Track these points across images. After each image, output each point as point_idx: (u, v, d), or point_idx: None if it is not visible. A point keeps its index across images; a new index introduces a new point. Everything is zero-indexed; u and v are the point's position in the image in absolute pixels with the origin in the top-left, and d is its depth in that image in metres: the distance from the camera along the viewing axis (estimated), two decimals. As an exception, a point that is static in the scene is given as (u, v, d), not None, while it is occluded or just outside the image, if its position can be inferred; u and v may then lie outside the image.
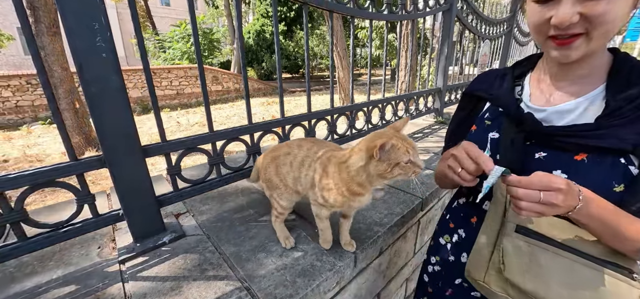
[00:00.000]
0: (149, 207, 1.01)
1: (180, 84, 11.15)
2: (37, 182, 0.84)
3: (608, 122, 0.58)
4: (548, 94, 0.70)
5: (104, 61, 0.82)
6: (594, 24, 0.54)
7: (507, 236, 0.66)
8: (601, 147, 0.58)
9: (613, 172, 0.58)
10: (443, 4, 2.33)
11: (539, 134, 0.66)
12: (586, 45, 0.57)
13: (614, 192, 0.57)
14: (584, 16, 0.54)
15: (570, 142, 0.62)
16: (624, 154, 0.57)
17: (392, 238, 1.32)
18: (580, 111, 0.64)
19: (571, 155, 0.62)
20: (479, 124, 0.82)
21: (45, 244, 0.88)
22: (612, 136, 0.57)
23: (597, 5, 0.52)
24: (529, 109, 0.70)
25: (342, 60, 5.14)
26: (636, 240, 0.55)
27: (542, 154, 0.66)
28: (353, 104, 1.79)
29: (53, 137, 6.52)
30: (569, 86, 0.67)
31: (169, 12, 22.84)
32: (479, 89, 0.84)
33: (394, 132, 0.76)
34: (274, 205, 1.04)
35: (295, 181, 0.95)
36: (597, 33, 0.55)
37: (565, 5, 0.55)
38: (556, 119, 0.67)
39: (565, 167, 0.62)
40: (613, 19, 0.53)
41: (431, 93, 2.64)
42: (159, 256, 0.98)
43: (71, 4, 0.75)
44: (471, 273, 0.71)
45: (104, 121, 0.85)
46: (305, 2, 1.34)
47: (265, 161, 1.06)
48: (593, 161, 0.60)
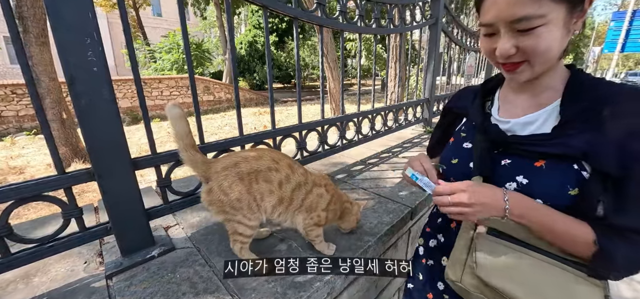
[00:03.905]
0: (138, 221, 1.00)
1: (171, 94, 11.09)
2: (23, 196, 0.83)
3: (562, 132, 0.64)
4: (513, 107, 0.77)
5: (95, 75, 0.83)
6: (529, 54, 0.62)
7: (480, 237, 0.71)
8: (555, 154, 0.64)
9: (567, 177, 0.63)
10: (429, 18, 2.41)
11: (503, 143, 0.73)
12: (531, 70, 0.65)
13: (569, 195, 0.63)
14: (519, 49, 0.62)
15: (530, 150, 0.68)
16: (576, 160, 0.63)
17: (383, 247, 1.33)
18: (540, 122, 0.70)
19: (531, 162, 0.68)
20: (456, 136, 0.89)
21: (30, 260, 0.86)
22: (565, 144, 0.63)
23: (527, 40, 0.60)
24: (497, 121, 0.77)
25: (332, 71, 5.21)
26: (573, 237, 0.61)
27: (507, 161, 0.72)
28: (344, 115, 1.82)
29: (38, 148, 6.36)
30: (530, 100, 0.73)
31: (160, 23, 22.80)
32: (456, 106, 0.92)
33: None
34: (239, 230, 0.89)
35: (279, 203, 0.90)
36: (534, 61, 0.63)
37: (503, 41, 0.63)
38: (519, 129, 0.73)
39: (526, 173, 0.68)
40: (545, 49, 0.60)
41: (419, 103, 2.70)
42: (148, 270, 0.96)
43: (64, 20, 0.76)
44: (449, 275, 0.75)
45: (93, 134, 0.85)
46: (296, 17, 1.38)
47: (227, 178, 0.86)
48: (550, 166, 0.65)
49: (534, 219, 0.63)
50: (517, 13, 0.58)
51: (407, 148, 2.35)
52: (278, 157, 0.93)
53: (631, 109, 0.60)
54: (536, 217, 0.63)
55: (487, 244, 0.69)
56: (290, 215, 0.94)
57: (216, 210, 0.88)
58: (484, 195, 0.66)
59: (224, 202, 0.86)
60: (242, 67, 17.45)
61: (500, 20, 0.62)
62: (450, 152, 0.88)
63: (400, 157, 2.14)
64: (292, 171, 0.93)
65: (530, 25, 0.59)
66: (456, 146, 0.87)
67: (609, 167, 0.59)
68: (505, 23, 0.61)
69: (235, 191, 0.85)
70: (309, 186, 0.94)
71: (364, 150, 2.19)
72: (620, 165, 0.58)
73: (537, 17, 0.57)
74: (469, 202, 0.65)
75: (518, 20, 0.59)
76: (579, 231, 0.61)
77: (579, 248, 0.62)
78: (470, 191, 0.66)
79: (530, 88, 0.73)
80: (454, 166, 0.84)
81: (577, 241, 0.61)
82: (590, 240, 0.60)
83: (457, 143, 0.87)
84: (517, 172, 0.69)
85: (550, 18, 0.58)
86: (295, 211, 0.94)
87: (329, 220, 1.01)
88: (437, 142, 0.99)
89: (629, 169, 0.57)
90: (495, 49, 0.65)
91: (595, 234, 0.60)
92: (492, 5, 0.62)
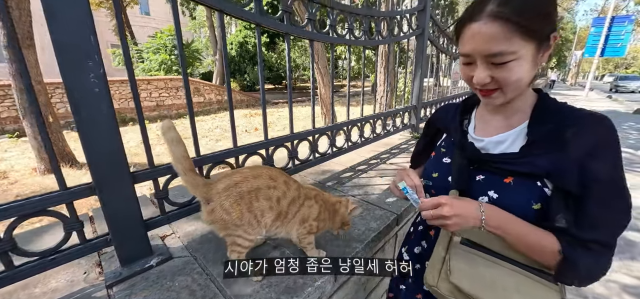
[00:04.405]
0: (137, 232, 1.04)
1: (160, 96, 10.94)
2: (26, 213, 0.86)
3: (528, 151, 0.72)
4: (487, 126, 0.85)
5: (97, 96, 0.87)
6: (501, 84, 0.70)
7: (454, 247, 0.78)
8: (522, 172, 0.72)
9: (532, 193, 0.71)
10: (416, 29, 2.51)
11: (478, 160, 0.80)
12: (503, 97, 0.73)
13: (533, 210, 0.71)
14: (493, 78, 0.69)
15: (500, 167, 0.76)
16: (540, 178, 0.71)
17: (371, 252, 1.40)
18: (510, 142, 0.78)
19: (501, 178, 0.76)
20: (437, 151, 0.97)
21: (33, 273, 0.90)
22: (530, 163, 0.71)
23: (500, 72, 0.68)
24: (472, 139, 0.85)
25: (323, 77, 5.30)
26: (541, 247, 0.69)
27: (481, 177, 0.79)
28: (333, 125, 1.89)
29: (21, 152, 6.20)
30: (502, 121, 0.81)
31: (148, 22, 22.35)
32: (438, 121, 0.99)
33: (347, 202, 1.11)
34: (238, 242, 0.95)
35: (277, 218, 0.96)
36: (506, 89, 0.71)
37: (479, 71, 0.70)
38: (492, 148, 0.80)
39: (497, 188, 0.76)
40: (516, 80, 0.68)
41: (407, 110, 2.80)
42: (147, 279, 1.01)
43: (68, 45, 0.80)
44: (427, 280, 0.81)
45: (94, 151, 0.89)
46: (287, 33, 1.44)
47: (228, 198, 0.91)
48: (517, 183, 0.73)
49: (509, 230, 0.71)
50: (492, 49, 0.66)
51: (395, 154, 2.44)
52: (275, 175, 0.98)
53: (591, 132, 0.68)
54: (512, 229, 0.71)
55: (461, 253, 0.77)
56: (286, 227, 1.00)
57: (219, 228, 0.93)
58: (461, 208, 0.72)
59: (226, 221, 0.91)
60: (233, 68, 17.35)
61: (477, 53, 0.69)
62: (431, 166, 0.96)
63: (388, 163, 2.23)
64: (288, 187, 0.99)
65: (503, 60, 0.66)
66: (437, 161, 0.94)
67: (570, 185, 0.66)
68: (481, 56, 0.69)
69: (237, 210, 0.90)
70: (301, 200, 1.01)
71: (353, 157, 2.27)
72: (580, 184, 0.66)
73: (509, 53, 0.65)
74: (449, 214, 0.71)
75: (493, 55, 0.66)
76: (547, 242, 0.69)
77: (546, 257, 0.69)
78: (449, 204, 0.72)
79: (503, 110, 0.81)
80: (435, 179, 0.92)
81: (545, 251, 0.69)
82: (556, 250, 0.68)
83: (437, 158, 0.95)
84: (489, 187, 0.77)
85: (520, 54, 0.65)
86: (289, 223, 1.00)
87: (321, 228, 1.07)
88: (423, 150, 1.07)
89: (588, 187, 0.65)
90: (473, 76, 0.72)
91: (560, 244, 0.67)
92: (470, 39, 0.69)
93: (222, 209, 0.90)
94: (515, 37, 0.63)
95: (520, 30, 0.63)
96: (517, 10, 0.62)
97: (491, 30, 0.65)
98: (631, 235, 3.06)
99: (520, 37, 0.64)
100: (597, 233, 0.66)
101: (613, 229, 0.67)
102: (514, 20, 0.62)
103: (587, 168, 0.65)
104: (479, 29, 0.66)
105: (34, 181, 4.68)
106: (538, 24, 0.65)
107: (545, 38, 0.67)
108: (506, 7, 0.63)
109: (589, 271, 0.68)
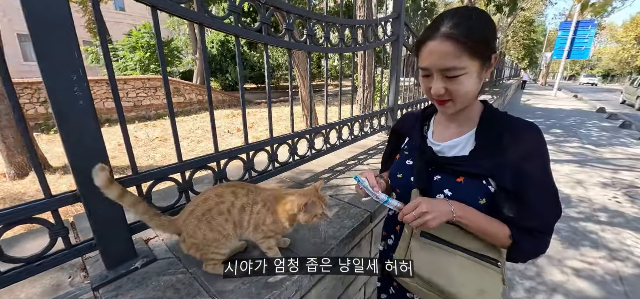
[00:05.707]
0: (122, 237, 1.09)
1: (138, 96, 10.63)
2: (13, 221, 0.90)
3: (476, 155, 0.86)
4: (444, 132, 0.98)
5: (81, 108, 0.92)
6: (453, 96, 0.82)
7: (415, 239, 0.90)
8: (471, 173, 0.86)
9: (479, 190, 0.85)
10: (391, 36, 2.65)
11: (436, 163, 0.93)
12: (454, 107, 0.85)
13: (481, 205, 0.85)
14: (447, 90, 0.81)
15: (454, 169, 0.89)
16: (485, 178, 0.84)
17: (347, 249, 1.51)
18: (462, 146, 0.91)
19: (454, 178, 0.89)
20: (401, 154, 1.10)
21: (19, 279, 0.93)
22: (477, 166, 0.85)
23: (453, 85, 0.80)
24: (431, 144, 0.98)
25: (304, 80, 5.41)
26: (495, 234, 0.83)
27: (438, 177, 0.92)
28: (313, 128, 1.98)
29: (-12, 157, 5.86)
30: (456, 128, 0.94)
31: (124, 18, 21.54)
32: (401, 128, 1.13)
33: (315, 192, 1.06)
34: (211, 256, 1.04)
35: (235, 227, 1.03)
36: (457, 101, 0.83)
37: (436, 83, 0.82)
38: (447, 151, 0.93)
39: (451, 187, 0.88)
40: (464, 93, 0.81)
41: (384, 113, 2.94)
42: (133, 280, 1.06)
43: (52, 62, 0.84)
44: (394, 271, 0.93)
45: (79, 160, 0.93)
46: (267, 44, 1.52)
47: (189, 226, 1.00)
48: (467, 182, 0.87)
49: (473, 220, 0.83)
50: (446, 64, 0.78)
51: (372, 155, 2.57)
52: (221, 192, 1.04)
53: (524, 139, 0.82)
54: (475, 221, 0.83)
55: (421, 245, 0.89)
56: (245, 233, 1.06)
57: (195, 253, 1.03)
58: (436, 205, 0.82)
59: (197, 244, 1.01)
60: (214, 68, 17.04)
61: (434, 68, 0.81)
62: (396, 168, 1.08)
63: (365, 164, 2.35)
64: (236, 197, 1.04)
65: (455, 74, 0.78)
66: (401, 163, 1.06)
67: (507, 185, 0.81)
68: (437, 70, 0.81)
69: (200, 234, 1.00)
70: (250, 207, 1.05)
71: (332, 158, 2.37)
72: (516, 183, 0.80)
73: (459, 68, 0.77)
74: (429, 211, 0.80)
75: (447, 69, 0.78)
76: (501, 230, 0.83)
77: (501, 241, 0.84)
78: (426, 203, 0.81)
79: (456, 119, 0.94)
80: (399, 180, 1.03)
81: (499, 237, 0.83)
82: (508, 235, 0.82)
83: (401, 160, 1.07)
84: (445, 186, 0.89)
85: (469, 70, 0.78)
86: (247, 230, 1.05)
87: (278, 230, 1.08)
88: (389, 156, 1.20)
89: (523, 186, 0.79)
90: (431, 88, 0.84)
91: (511, 231, 0.82)
92: (428, 55, 0.81)
93: (189, 237, 1.01)
94: (464, 55, 0.76)
95: (468, 50, 0.76)
96: (465, 34, 0.75)
97: (445, 48, 0.77)
98: (583, 226, 3.37)
99: (468, 56, 0.77)
100: (537, 221, 0.81)
101: (548, 219, 0.83)
102: (462, 40, 0.75)
103: (523, 170, 0.80)
104: (435, 47, 0.79)
105: (3, 188, 4.47)
106: (481, 47, 0.78)
107: (487, 58, 0.81)
108: (457, 30, 0.76)
109: (531, 251, 0.85)
